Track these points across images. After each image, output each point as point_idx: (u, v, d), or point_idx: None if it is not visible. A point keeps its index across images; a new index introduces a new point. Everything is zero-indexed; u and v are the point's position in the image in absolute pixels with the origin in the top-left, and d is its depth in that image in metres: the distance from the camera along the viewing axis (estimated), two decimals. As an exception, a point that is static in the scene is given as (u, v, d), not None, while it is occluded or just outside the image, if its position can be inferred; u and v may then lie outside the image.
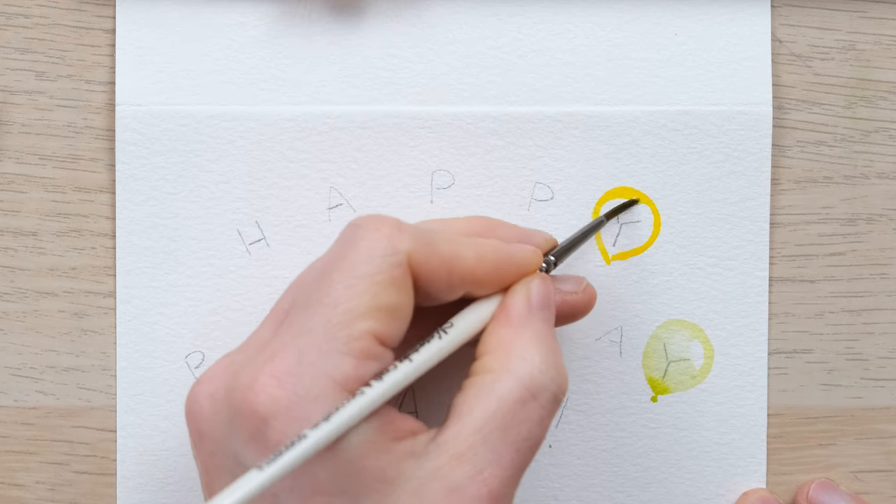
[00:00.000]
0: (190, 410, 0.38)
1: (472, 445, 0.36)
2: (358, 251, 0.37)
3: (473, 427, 0.36)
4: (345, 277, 0.36)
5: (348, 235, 0.38)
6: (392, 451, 0.36)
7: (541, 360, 0.38)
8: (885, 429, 0.47)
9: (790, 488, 0.47)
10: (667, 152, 0.46)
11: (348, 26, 0.46)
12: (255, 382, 0.36)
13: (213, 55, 0.46)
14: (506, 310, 0.39)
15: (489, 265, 0.39)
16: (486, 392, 0.37)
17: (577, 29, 0.46)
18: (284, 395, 0.35)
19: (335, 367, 0.35)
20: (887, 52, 0.47)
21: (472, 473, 0.36)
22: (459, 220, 0.42)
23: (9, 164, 0.46)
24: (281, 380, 0.35)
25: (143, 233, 0.46)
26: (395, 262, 0.37)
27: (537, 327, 0.39)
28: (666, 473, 0.46)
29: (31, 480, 0.46)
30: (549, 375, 0.38)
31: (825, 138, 0.47)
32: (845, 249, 0.47)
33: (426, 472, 0.36)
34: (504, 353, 0.38)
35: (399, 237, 0.37)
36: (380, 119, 0.46)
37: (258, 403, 0.35)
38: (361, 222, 0.38)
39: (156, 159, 0.46)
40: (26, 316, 0.46)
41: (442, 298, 0.39)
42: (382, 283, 0.36)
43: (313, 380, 0.35)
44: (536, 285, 0.40)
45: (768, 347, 0.47)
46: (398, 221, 0.38)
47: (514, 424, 0.37)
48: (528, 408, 0.37)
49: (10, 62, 0.46)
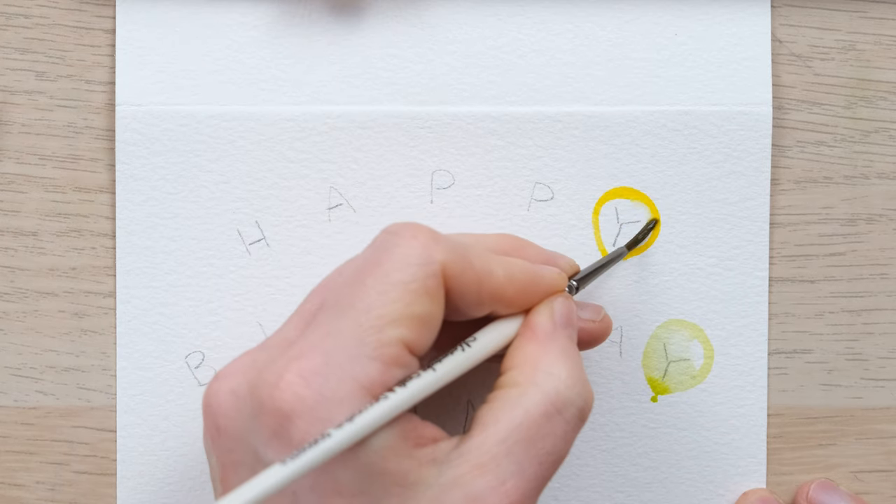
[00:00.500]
0: (208, 405, 0.38)
1: (496, 456, 0.36)
2: (393, 258, 0.37)
3: (498, 438, 0.37)
4: (378, 283, 0.36)
5: (383, 242, 0.38)
6: (414, 456, 0.36)
7: (567, 375, 0.38)
8: (885, 429, 0.47)
9: (790, 488, 0.47)
10: (667, 152, 0.46)
11: (348, 26, 0.46)
12: (280, 380, 0.36)
13: (213, 55, 0.46)
14: (531, 326, 0.40)
15: (518, 284, 0.39)
16: (511, 405, 0.37)
17: (577, 29, 0.46)
18: (310, 395, 0.35)
19: (362, 371, 0.36)
20: (887, 52, 0.47)
21: (494, 484, 0.36)
22: (489, 237, 0.42)
23: (9, 164, 0.46)
24: (307, 379, 0.35)
25: (143, 233, 0.46)
26: (429, 272, 0.37)
27: (562, 344, 0.39)
28: (666, 473, 0.46)
29: (31, 480, 0.46)
30: (576, 391, 0.38)
31: (825, 138, 0.47)
32: (845, 249, 0.47)
33: (447, 479, 0.36)
34: (530, 368, 0.38)
35: (435, 247, 0.37)
36: (380, 119, 0.46)
37: (283, 401, 0.35)
38: (397, 229, 0.38)
39: (156, 159, 0.46)
40: (26, 316, 0.46)
41: (468, 314, 0.39)
42: (416, 291, 0.37)
43: (339, 381, 0.35)
44: (560, 304, 0.40)
45: (768, 347, 0.47)
46: (434, 231, 0.38)
47: (539, 438, 0.37)
48: (553, 422, 0.37)
49: (10, 62, 0.46)
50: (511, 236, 0.43)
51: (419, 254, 0.37)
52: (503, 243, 0.42)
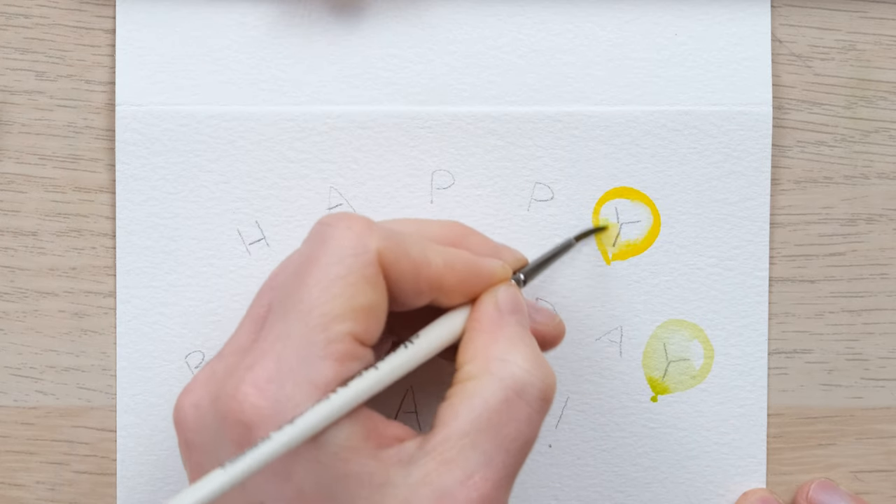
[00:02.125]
0: (176, 420, 0.38)
1: (461, 450, 0.36)
2: (329, 252, 0.37)
3: (460, 431, 0.36)
4: (318, 280, 0.36)
5: (318, 235, 0.38)
6: (378, 457, 0.36)
7: (522, 359, 0.38)
8: (885, 429, 0.47)
9: (790, 488, 0.47)
10: (667, 152, 0.46)
11: (348, 26, 0.46)
12: (237, 391, 0.36)
13: (213, 55, 0.46)
14: (477, 317, 0.39)
15: (457, 274, 0.39)
16: (470, 397, 0.37)
17: (577, 29, 0.46)
18: (266, 403, 0.35)
19: (315, 372, 0.35)
20: (887, 52, 0.47)
21: (461, 478, 0.36)
22: (433, 224, 0.42)
23: (9, 164, 0.46)
24: (262, 388, 0.35)
25: (143, 233, 0.46)
26: (366, 261, 0.37)
27: (512, 330, 0.39)
28: (666, 473, 0.46)
29: (31, 480, 0.46)
30: (533, 374, 0.37)
31: (825, 138, 0.47)
32: (845, 249, 0.47)
33: (415, 479, 0.36)
34: (483, 359, 0.38)
35: (369, 235, 0.37)
36: (380, 119, 0.46)
37: (242, 412, 0.35)
38: (331, 220, 0.38)
39: (156, 159, 0.46)
40: (26, 316, 0.46)
41: (409, 303, 0.39)
42: (356, 283, 0.36)
43: (294, 386, 0.35)
44: (503, 291, 0.40)
45: (768, 347, 0.47)
46: (368, 220, 0.38)
47: (502, 425, 0.37)
48: (515, 407, 0.37)
49: (10, 62, 0.46)
50: (457, 224, 0.42)
51: (354, 244, 0.37)
52: (447, 231, 0.41)
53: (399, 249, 0.38)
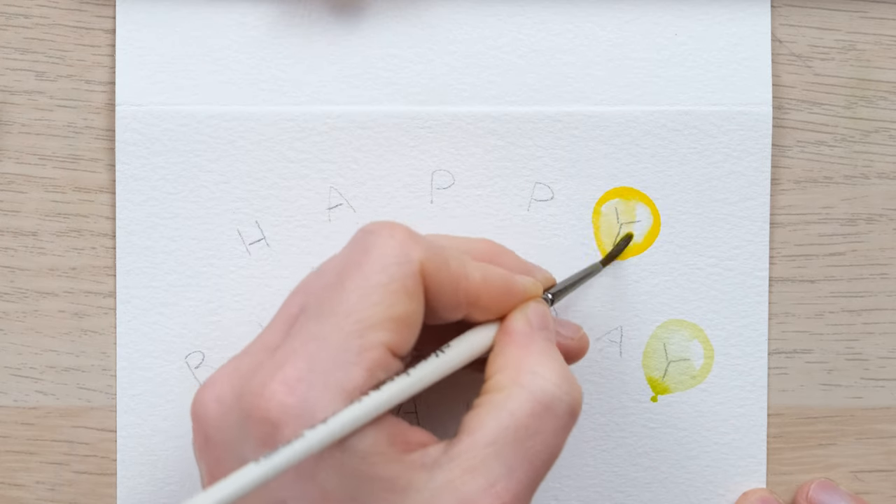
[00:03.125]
0: (196, 414, 0.38)
1: (485, 459, 0.36)
2: (371, 259, 0.37)
3: (486, 441, 0.36)
4: (358, 286, 0.36)
5: (361, 241, 0.38)
6: (402, 461, 0.36)
7: (551, 373, 0.38)
8: (885, 429, 0.47)
9: (790, 488, 0.47)
10: (667, 152, 0.46)
11: (348, 26, 0.46)
12: (265, 388, 0.36)
13: (213, 55, 0.46)
14: (508, 331, 0.39)
15: (494, 290, 0.39)
16: (498, 408, 0.37)
17: (577, 29, 0.46)
18: (294, 403, 0.35)
19: (346, 377, 0.35)
20: (887, 52, 0.47)
21: (484, 486, 0.36)
22: (467, 241, 0.42)
23: (9, 164, 0.46)
24: (291, 387, 0.35)
25: (143, 233, 0.46)
26: (408, 272, 0.37)
27: (542, 345, 0.39)
28: (666, 473, 0.46)
29: (31, 480, 0.46)
30: (563, 388, 0.38)
31: (825, 138, 0.47)
32: (845, 249, 0.47)
33: (438, 484, 0.36)
34: (514, 370, 0.38)
35: (413, 246, 0.37)
36: (380, 119, 0.46)
37: (269, 410, 0.35)
38: (374, 228, 0.38)
39: (156, 159, 0.46)
40: (26, 316, 0.46)
41: (444, 316, 0.39)
42: (396, 292, 0.36)
43: (324, 388, 0.35)
44: (533, 308, 0.40)
45: (768, 347, 0.47)
46: (411, 230, 0.38)
47: (528, 437, 0.37)
48: (543, 420, 0.37)
49: (10, 62, 0.46)
50: (490, 242, 0.42)
51: (397, 253, 0.37)
52: (481, 248, 0.42)
53: (440, 261, 0.37)
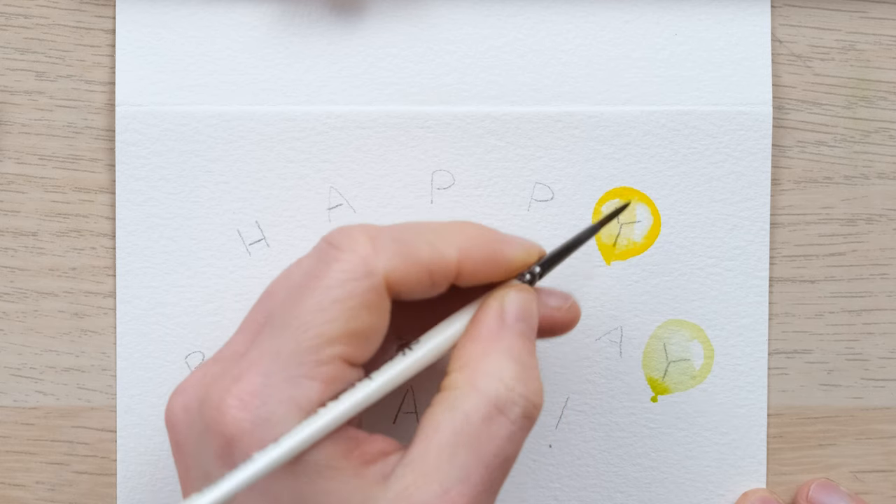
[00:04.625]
0: (167, 421, 0.38)
1: (439, 464, 0.36)
2: (331, 273, 0.36)
3: (439, 445, 0.36)
4: (316, 301, 0.36)
5: (323, 253, 0.37)
6: (361, 475, 0.36)
7: (509, 375, 0.37)
8: (885, 429, 0.47)
9: (790, 488, 0.47)
10: (667, 152, 0.46)
11: (348, 26, 0.46)
12: (221, 402, 0.35)
13: (213, 55, 0.46)
14: (476, 325, 0.38)
15: (474, 262, 0.38)
16: (451, 409, 0.36)
17: (577, 29, 0.46)
18: (248, 418, 0.35)
19: (300, 392, 0.35)
20: (887, 52, 0.47)
21: (438, 493, 0.35)
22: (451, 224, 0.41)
23: (9, 164, 0.46)
24: (245, 401, 0.35)
25: (143, 233, 0.46)
26: (369, 286, 0.36)
27: (508, 342, 0.38)
28: (666, 473, 0.46)
29: (31, 480, 0.46)
30: (518, 391, 0.37)
31: (825, 138, 0.47)
32: (845, 249, 0.47)
33: (393, 493, 0.35)
34: (471, 370, 0.37)
35: (375, 258, 0.36)
36: (380, 119, 0.46)
37: (224, 424, 0.35)
38: (337, 240, 0.37)
39: (156, 159, 0.46)
40: (26, 316, 0.46)
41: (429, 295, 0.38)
42: (354, 308, 0.36)
43: (277, 403, 0.35)
44: (512, 298, 0.39)
45: (768, 347, 0.47)
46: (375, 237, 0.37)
47: (482, 442, 0.36)
48: (497, 424, 0.36)
49: (10, 62, 0.46)
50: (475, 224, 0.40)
51: (357, 268, 0.36)
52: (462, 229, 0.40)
53: (409, 261, 0.37)
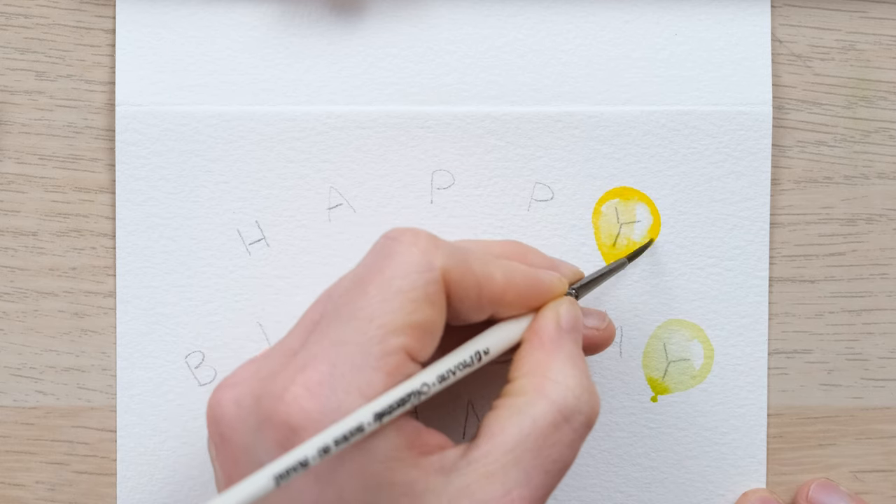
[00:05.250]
0: (213, 415, 0.38)
1: (504, 465, 0.36)
2: (394, 265, 0.37)
3: (505, 448, 0.37)
4: (380, 292, 0.36)
5: (384, 248, 0.38)
6: (420, 465, 0.36)
7: (575, 383, 0.38)
8: (885, 429, 0.47)
9: (790, 488, 0.47)
10: (667, 152, 0.46)
11: (348, 26, 0.46)
12: (286, 392, 0.35)
13: (213, 55, 0.46)
14: (537, 333, 0.39)
15: (518, 288, 0.39)
16: (519, 414, 0.37)
17: (577, 29, 0.46)
18: (315, 407, 0.35)
19: (366, 382, 0.35)
20: (887, 52, 0.47)
21: (501, 493, 0.36)
22: (493, 243, 0.42)
23: (9, 164, 0.46)
24: (312, 391, 0.35)
25: (143, 233, 0.46)
26: (430, 279, 0.37)
27: (569, 350, 0.39)
28: (666, 473, 0.46)
29: (31, 480, 0.46)
30: (583, 399, 0.38)
31: (825, 138, 0.47)
32: (845, 249, 0.47)
33: (455, 488, 0.36)
34: (538, 377, 0.38)
35: (435, 253, 0.37)
36: (380, 119, 0.46)
37: (289, 414, 0.35)
38: (397, 235, 0.38)
39: (156, 159, 0.46)
40: (26, 316, 0.46)
41: (468, 318, 0.39)
42: (418, 299, 0.36)
43: (344, 393, 0.35)
44: (566, 308, 0.40)
45: (768, 347, 0.47)
46: (434, 236, 0.38)
47: (546, 447, 0.37)
48: (561, 431, 0.37)
49: (10, 62, 0.46)
50: (516, 243, 0.42)
51: (419, 260, 0.37)
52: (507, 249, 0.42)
53: (464, 267, 0.38)
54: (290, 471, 0.34)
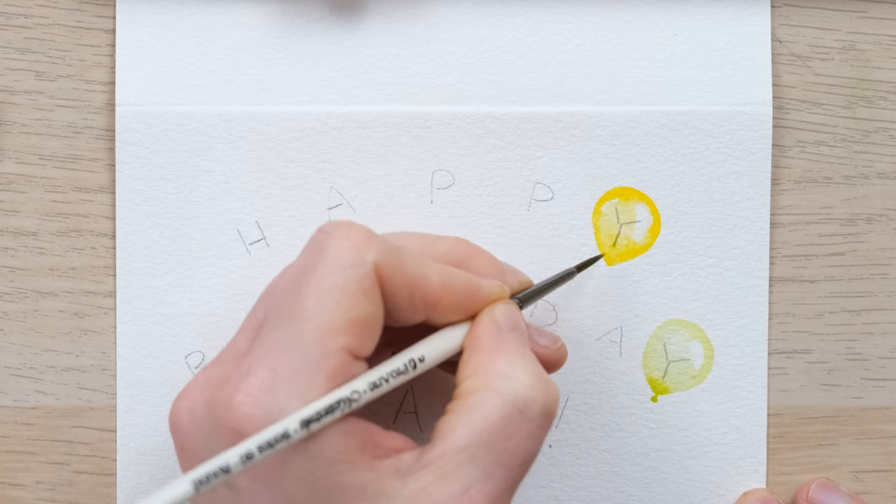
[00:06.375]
0: (172, 424, 0.38)
1: (459, 464, 0.36)
2: (327, 261, 0.36)
3: (459, 446, 0.36)
4: (314, 291, 0.36)
5: (318, 242, 0.37)
6: (374, 468, 0.36)
7: (524, 374, 0.37)
8: (885, 429, 0.47)
9: (790, 488, 0.47)
10: (667, 152, 0.46)
11: (348, 26, 0.46)
12: (232, 400, 0.36)
13: (213, 55, 0.46)
14: (476, 334, 0.39)
15: (454, 294, 0.39)
16: (470, 412, 0.37)
17: (577, 29, 0.46)
18: (260, 414, 0.35)
19: (306, 386, 0.35)
20: (887, 52, 0.47)
21: (458, 492, 0.36)
22: (441, 242, 0.41)
23: (9, 164, 0.46)
24: (255, 398, 0.35)
25: (143, 233, 0.46)
26: (363, 273, 0.36)
27: (514, 346, 0.39)
28: (666, 473, 0.46)
29: (31, 480, 0.46)
30: (538, 389, 0.37)
31: (825, 138, 0.47)
32: (845, 249, 0.47)
33: (411, 490, 0.36)
34: (484, 374, 0.38)
35: (367, 246, 0.37)
36: (380, 119, 0.46)
37: (236, 421, 0.35)
38: (331, 229, 0.37)
39: (156, 159, 0.46)
40: (26, 316, 0.46)
41: (403, 320, 0.38)
42: (353, 294, 0.36)
43: (287, 398, 0.35)
44: (500, 310, 0.39)
45: (768, 347, 0.47)
46: (368, 230, 0.37)
47: (501, 441, 0.36)
48: (516, 423, 0.37)
49: (10, 62, 0.46)
50: (461, 240, 0.42)
51: (352, 255, 0.36)
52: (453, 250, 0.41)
53: (396, 263, 0.37)
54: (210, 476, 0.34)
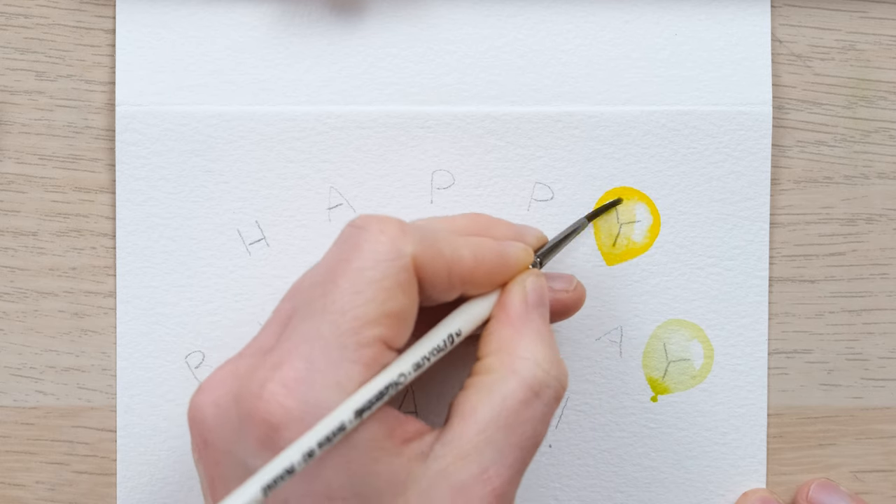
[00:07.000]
0: (193, 419, 0.38)
1: (477, 445, 0.37)
2: (363, 255, 0.37)
3: (478, 427, 0.37)
4: (351, 283, 0.36)
5: (350, 237, 0.38)
6: (402, 453, 0.36)
7: (543, 358, 0.38)
8: (885, 429, 0.47)
9: (790, 488, 0.47)
10: (667, 152, 0.46)
11: (348, 26, 0.46)
12: (263, 390, 0.35)
13: (213, 55, 0.46)
14: (505, 309, 0.40)
15: (487, 266, 0.39)
16: (489, 392, 0.37)
17: (577, 29, 0.46)
18: (295, 404, 0.35)
19: (345, 375, 0.35)
20: (887, 52, 0.47)
21: (476, 472, 0.36)
22: (458, 219, 0.42)
23: (9, 164, 0.46)
24: (290, 388, 0.35)
25: (143, 233, 0.46)
26: (400, 266, 0.37)
27: (536, 325, 0.39)
28: (666, 473, 0.46)
29: (31, 480, 0.46)
30: (552, 374, 0.38)
31: (825, 138, 0.47)
32: (845, 249, 0.47)
33: (433, 472, 0.36)
34: (507, 354, 0.38)
35: (404, 239, 0.37)
36: (380, 119, 0.46)
37: (268, 412, 0.35)
38: (363, 223, 0.38)
39: (156, 159, 0.46)
40: (26, 316, 0.46)
41: (439, 299, 0.39)
42: (390, 288, 0.36)
43: (323, 388, 0.35)
44: (532, 283, 0.40)
45: (768, 347, 0.47)
46: (401, 222, 0.38)
47: (518, 424, 0.37)
48: (532, 407, 0.38)
49: (10, 62, 0.46)
50: (481, 215, 0.42)
51: (389, 249, 0.37)
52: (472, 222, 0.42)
53: (433, 250, 0.38)
54: (277, 480, 0.34)
